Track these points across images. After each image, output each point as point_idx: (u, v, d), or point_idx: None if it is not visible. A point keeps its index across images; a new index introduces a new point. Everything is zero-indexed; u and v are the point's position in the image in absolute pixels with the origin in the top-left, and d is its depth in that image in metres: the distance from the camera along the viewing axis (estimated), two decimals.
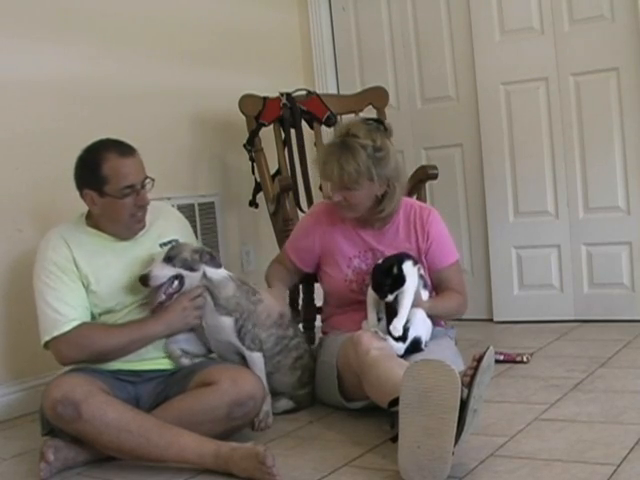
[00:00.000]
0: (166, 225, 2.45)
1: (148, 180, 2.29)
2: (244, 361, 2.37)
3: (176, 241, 2.41)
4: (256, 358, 2.37)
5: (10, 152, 2.78)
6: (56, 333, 2.18)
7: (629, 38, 3.40)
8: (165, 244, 2.39)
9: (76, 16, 3.02)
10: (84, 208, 2.40)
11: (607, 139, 3.49)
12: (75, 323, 2.19)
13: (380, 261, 2.40)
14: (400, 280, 2.32)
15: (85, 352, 2.20)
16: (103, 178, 2.22)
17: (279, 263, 2.73)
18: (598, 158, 3.52)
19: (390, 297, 2.31)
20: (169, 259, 2.27)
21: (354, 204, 2.47)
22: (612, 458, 1.83)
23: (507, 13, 3.65)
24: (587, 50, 3.49)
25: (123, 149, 2.26)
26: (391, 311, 2.34)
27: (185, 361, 2.33)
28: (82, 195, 2.29)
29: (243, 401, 2.15)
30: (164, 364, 2.33)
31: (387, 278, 2.32)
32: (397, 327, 2.29)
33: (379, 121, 2.53)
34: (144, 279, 2.23)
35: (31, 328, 2.71)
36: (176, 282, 2.28)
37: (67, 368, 2.26)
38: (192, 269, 2.30)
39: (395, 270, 2.32)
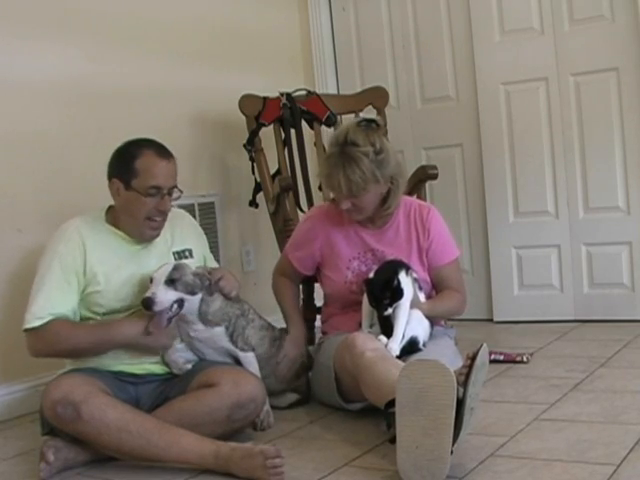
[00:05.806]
0: (181, 233, 2.44)
1: (176, 190, 2.29)
2: (237, 363, 2.37)
3: (189, 251, 2.41)
4: (250, 357, 2.38)
5: (10, 152, 2.78)
6: (28, 326, 2.18)
7: (629, 38, 3.40)
8: (178, 252, 2.39)
9: (76, 16, 3.02)
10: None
11: (607, 139, 3.49)
12: (48, 319, 2.17)
13: (372, 274, 2.36)
14: (399, 293, 2.30)
15: (53, 348, 2.18)
16: (134, 171, 2.22)
17: (284, 276, 2.72)
18: (598, 158, 3.52)
19: (390, 310, 2.30)
20: (171, 282, 2.19)
21: (363, 207, 2.47)
22: (612, 458, 1.83)
23: (507, 13, 3.65)
24: (587, 50, 3.49)
25: (161, 151, 2.26)
26: (387, 324, 2.32)
27: (188, 366, 2.32)
28: (110, 183, 2.28)
29: (244, 403, 2.16)
30: (166, 368, 2.32)
31: (386, 291, 2.29)
32: (394, 348, 2.27)
33: (372, 120, 2.51)
34: (148, 303, 2.14)
35: None
36: (176, 306, 2.21)
37: (67, 368, 2.26)
38: (193, 293, 2.25)
39: (395, 283, 2.29)
